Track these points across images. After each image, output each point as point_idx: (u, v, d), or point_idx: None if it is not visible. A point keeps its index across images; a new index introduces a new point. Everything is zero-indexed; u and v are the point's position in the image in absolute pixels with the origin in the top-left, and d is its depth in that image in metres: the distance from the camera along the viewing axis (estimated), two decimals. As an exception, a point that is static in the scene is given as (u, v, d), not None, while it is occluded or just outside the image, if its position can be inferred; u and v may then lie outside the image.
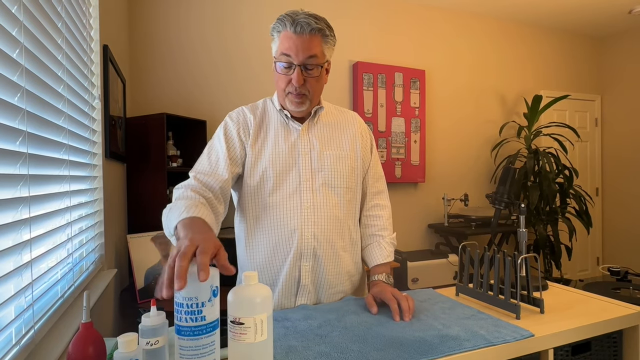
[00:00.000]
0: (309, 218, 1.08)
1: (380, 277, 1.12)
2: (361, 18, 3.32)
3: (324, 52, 1.05)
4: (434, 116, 3.60)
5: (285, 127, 1.13)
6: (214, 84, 2.86)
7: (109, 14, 1.87)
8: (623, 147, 4.22)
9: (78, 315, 1.05)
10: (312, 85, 1.06)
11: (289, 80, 1.04)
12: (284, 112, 1.12)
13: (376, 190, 1.24)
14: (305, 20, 1.00)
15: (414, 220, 3.52)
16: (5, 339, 0.71)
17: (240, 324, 0.63)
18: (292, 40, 1.01)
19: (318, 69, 1.05)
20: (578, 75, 4.33)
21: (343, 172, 1.13)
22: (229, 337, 0.65)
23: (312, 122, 1.15)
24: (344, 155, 1.15)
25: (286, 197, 1.08)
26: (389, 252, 1.19)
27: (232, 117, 1.14)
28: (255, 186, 1.09)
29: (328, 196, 1.10)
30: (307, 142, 1.12)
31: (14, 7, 0.77)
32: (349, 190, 1.15)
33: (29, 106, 0.83)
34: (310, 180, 1.09)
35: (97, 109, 1.58)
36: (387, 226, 1.23)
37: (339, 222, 1.12)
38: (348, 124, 1.20)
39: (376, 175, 1.24)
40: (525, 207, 1.15)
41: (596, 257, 4.38)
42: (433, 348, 0.76)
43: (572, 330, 0.89)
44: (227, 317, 0.65)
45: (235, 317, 0.64)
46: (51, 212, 0.98)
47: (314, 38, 1.02)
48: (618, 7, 3.60)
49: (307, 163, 1.10)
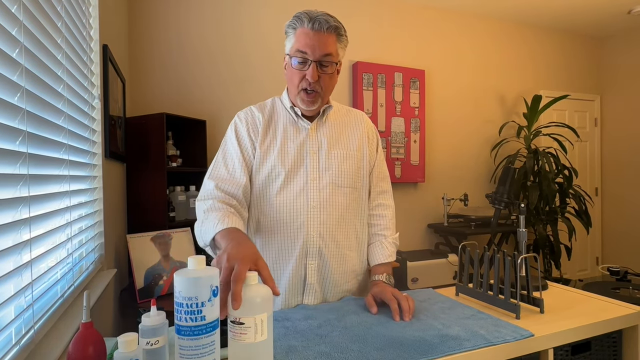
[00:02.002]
0: (315, 217, 1.08)
1: (380, 278, 1.12)
2: (361, 18, 3.32)
3: (338, 51, 1.07)
4: (433, 116, 3.60)
5: (294, 126, 1.14)
6: (213, 84, 2.86)
7: (108, 13, 1.87)
8: (622, 147, 4.22)
9: (78, 315, 1.05)
10: (326, 83, 1.07)
11: (303, 76, 1.05)
12: (294, 110, 1.13)
13: (380, 189, 1.24)
14: (323, 18, 1.02)
15: (413, 220, 3.52)
16: (5, 339, 0.71)
17: (240, 324, 0.63)
18: (309, 37, 1.02)
19: (333, 66, 1.06)
20: (577, 75, 4.33)
21: (350, 171, 1.14)
22: (229, 337, 0.65)
23: (321, 121, 1.16)
24: (351, 154, 1.15)
25: (293, 195, 1.09)
26: (391, 252, 1.18)
27: (240, 118, 1.15)
28: (262, 184, 1.10)
29: (335, 195, 1.11)
30: (316, 141, 1.13)
31: (13, 7, 0.77)
32: (355, 190, 1.15)
33: (29, 106, 0.83)
34: (317, 179, 1.10)
35: (96, 108, 1.58)
36: (389, 226, 1.22)
37: (345, 221, 1.12)
38: (356, 124, 1.21)
39: (381, 175, 1.24)
40: (524, 207, 1.15)
41: (595, 256, 4.39)
42: (433, 348, 0.76)
43: (572, 330, 0.89)
44: (227, 316, 0.66)
45: (236, 317, 0.64)
46: (51, 212, 0.98)
47: (330, 37, 1.04)
48: (617, 7, 3.60)
49: (314, 162, 1.11)
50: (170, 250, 2.09)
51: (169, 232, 2.13)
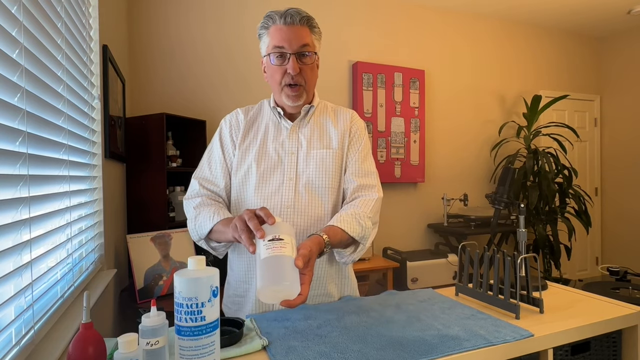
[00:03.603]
0: (288, 218, 1.05)
1: (319, 233, 0.91)
2: (361, 18, 3.32)
3: (314, 42, 1.07)
4: (433, 116, 3.60)
5: (276, 126, 1.13)
6: (213, 84, 2.86)
7: (108, 14, 1.87)
8: (622, 147, 4.22)
9: (78, 315, 1.05)
10: (308, 75, 1.06)
11: (285, 72, 1.04)
12: (277, 110, 1.11)
13: (360, 184, 1.10)
14: (294, 10, 1.03)
15: (413, 220, 3.52)
16: (5, 339, 0.71)
17: (280, 239, 0.75)
18: (283, 32, 1.02)
19: (312, 56, 1.06)
20: (577, 75, 4.33)
21: (329, 172, 1.09)
22: (264, 254, 0.73)
23: (303, 121, 1.13)
24: (332, 154, 1.11)
25: (267, 196, 1.07)
26: (345, 220, 0.98)
27: (225, 120, 1.16)
28: (239, 184, 1.10)
29: (311, 197, 1.07)
30: (295, 141, 1.11)
31: (13, 7, 0.77)
32: (334, 190, 1.10)
33: (29, 106, 0.83)
34: (293, 180, 1.08)
35: (96, 109, 1.58)
36: (359, 204, 1.05)
37: (321, 223, 1.07)
38: (339, 122, 1.16)
39: (361, 172, 1.12)
40: (524, 207, 1.15)
41: (595, 257, 4.39)
42: (433, 348, 0.76)
43: (572, 330, 0.89)
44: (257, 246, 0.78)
45: (275, 235, 0.75)
46: (51, 213, 0.98)
47: (304, 29, 1.04)
48: (617, 7, 3.60)
49: (292, 163, 1.09)
50: (170, 250, 2.09)
51: (168, 232, 2.13)
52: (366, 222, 1.01)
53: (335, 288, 1.13)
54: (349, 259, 1.05)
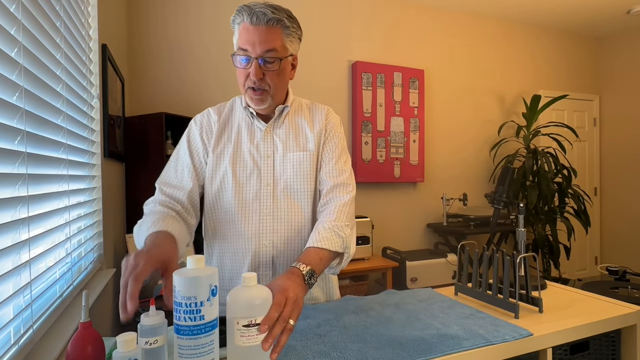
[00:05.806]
0: (268, 225, 1.02)
1: (296, 265, 0.84)
2: (360, 18, 3.32)
3: (285, 45, 0.97)
4: (432, 116, 3.60)
5: (250, 127, 1.07)
6: (212, 83, 2.85)
7: (107, 13, 1.86)
8: (621, 147, 4.23)
9: (77, 314, 1.05)
10: (273, 80, 0.98)
11: (248, 75, 0.97)
12: (249, 110, 1.05)
13: (335, 184, 1.05)
14: (261, 10, 0.92)
15: (412, 219, 3.52)
16: (4, 338, 0.71)
17: (256, 325, 0.64)
18: (249, 32, 0.94)
19: (278, 62, 0.97)
20: (576, 75, 4.34)
21: (306, 175, 1.05)
22: (237, 340, 0.64)
23: (277, 122, 1.08)
24: (308, 155, 1.06)
25: (245, 203, 1.03)
26: (324, 237, 0.93)
27: (196, 121, 1.09)
28: (216, 191, 1.04)
29: (290, 202, 1.04)
30: (271, 144, 1.06)
31: (12, 6, 0.77)
32: (312, 194, 1.07)
33: (28, 105, 0.83)
34: (271, 185, 1.04)
35: (95, 108, 1.58)
36: (335, 211, 1.00)
37: (301, 228, 1.05)
38: (315, 121, 1.11)
39: (336, 172, 1.07)
40: (523, 207, 1.15)
41: (594, 256, 4.39)
42: (432, 347, 0.76)
43: (571, 330, 0.89)
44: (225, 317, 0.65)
45: (251, 320, 0.64)
46: (50, 212, 0.98)
47: (273, 30, 0.94)
48: (616, 7, 3.60)
49: (269, 167, 1.04)
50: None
51: (168, 231, 2.12)
52: (345, 232, 0.97)
53: (321, 291, 1.12)
54: (337, 270, 1.03)
